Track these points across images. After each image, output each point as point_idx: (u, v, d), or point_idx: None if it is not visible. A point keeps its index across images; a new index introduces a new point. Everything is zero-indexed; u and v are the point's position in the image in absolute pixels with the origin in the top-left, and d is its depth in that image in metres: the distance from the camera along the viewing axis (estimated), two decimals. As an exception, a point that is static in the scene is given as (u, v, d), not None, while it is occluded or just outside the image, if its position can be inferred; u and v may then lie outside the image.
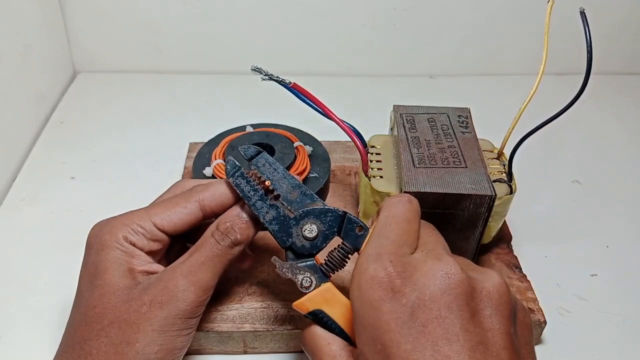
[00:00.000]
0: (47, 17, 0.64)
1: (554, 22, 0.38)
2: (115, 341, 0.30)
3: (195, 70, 0.70)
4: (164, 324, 0.30)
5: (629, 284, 0.44)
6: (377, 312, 0.27)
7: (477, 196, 0.35)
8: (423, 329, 0.26)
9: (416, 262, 0.28)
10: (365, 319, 0.27)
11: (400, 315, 0.26)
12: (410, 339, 0.25)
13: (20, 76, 0.57)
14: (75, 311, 0.32)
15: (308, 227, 0.32)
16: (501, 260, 0.42)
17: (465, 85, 0.70)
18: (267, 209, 0.33)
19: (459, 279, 0.27)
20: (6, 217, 0.49)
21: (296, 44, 0.69)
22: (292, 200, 0.33)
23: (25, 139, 0.57)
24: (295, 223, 0.33)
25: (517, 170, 0.39)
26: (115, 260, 0.32)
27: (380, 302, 0.27)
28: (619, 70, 0.73)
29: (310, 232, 0.32)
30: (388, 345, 0.26)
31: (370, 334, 0.27)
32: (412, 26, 0.68)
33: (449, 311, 0.26)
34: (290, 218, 0.33)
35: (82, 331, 0.30)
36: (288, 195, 0.33)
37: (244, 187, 0.33)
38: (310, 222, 0.32)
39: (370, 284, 0.27)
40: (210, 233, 0.33)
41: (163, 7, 0.66)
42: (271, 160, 0.34)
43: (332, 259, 0.32)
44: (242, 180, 0.33)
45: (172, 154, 0.54)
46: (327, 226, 0.32)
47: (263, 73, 0.36)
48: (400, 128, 0.41)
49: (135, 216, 0.33)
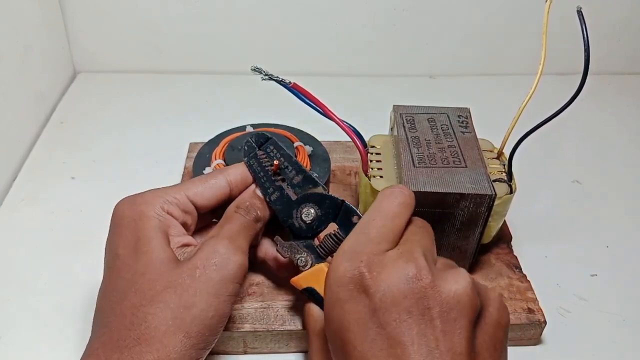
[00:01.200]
0: (47, 17, 0.64)
1: (555, 22, 0.38)
2: (172, 305, 0.29)
3: (195, 70, 0.70)
4: (219, 287, 0.30)
5: (629, 284, 0.44)
6: (341, 310, 0.28)
7: (477, 196, 0.35)
8: (381, 330, 0.26)
9: (387, 261, 0.28)
10: (330, 315, 0.28)
11: (362, 315, 0.27)
12: (367, 340, 0.26)
13: (20, 76, 0.57)
14: (116, 282, 0.30)
15: (306, 211, 0.35)
16: (501, 260, 0.42)
17: (465, 85, 0.70)
18: (273, 190, 0.35)
19: (423, 284, 0.27)
20: (6, 217, 0.49)
21: (296, 44, 0.69)
22: (295, 184, 0.36)
23: (25, 139, 0.57)
24: (296, 205, 0.35)
25: (517, 170, 0.39)
26: (157, 228, 0.31)
27: (345, 301, 0.28)
28: (619, 70, 0.73)
29: (307, 216, 0.34)
30: (346, 343, 0.27)
31: (334, 330, 0.28)
32: (412, 26, 0.68)
33: (408, 315, 0.26)
34: (292, 200, 0.35)
35: (131, 299, 0.29)
36: (293, 179, 0.36)
37: (256, 167, 0.36)
38: (309, 206, 0.35)
39: (339, 282, 0.28)
40: (233, 210, 0.34)
41: (163, 7, 0.66)
42: (279, 146, 0.37)
43: (325, 244, 0.34)
44: (255, 161, 0.36)
45: (172, 154, 0.54)
46: (324, 212, 0.34)
47: (263, 73, 0.36)
48: (400, 128, 0.41)
49: (169, 189, 0.34)
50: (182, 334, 0.28)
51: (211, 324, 0.30)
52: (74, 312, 0.41)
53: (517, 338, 0.39)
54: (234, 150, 0.47)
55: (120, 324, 0.29)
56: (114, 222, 0.33)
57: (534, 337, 0.39)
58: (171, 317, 0.28)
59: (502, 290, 0.40)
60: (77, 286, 0.42)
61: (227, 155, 0.46)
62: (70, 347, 0.38)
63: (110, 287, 0.31)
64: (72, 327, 0.40)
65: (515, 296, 0.39)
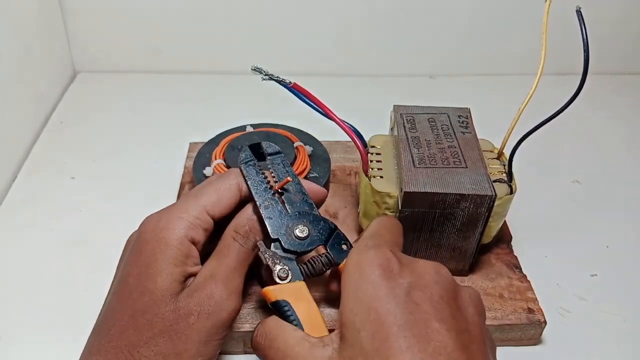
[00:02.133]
0: (47, 17, 0.64)
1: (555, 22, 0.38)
2: (165, 351, 0.29)
3: (195, 70, 0.70)
4: (209, 334, 0.30)
5: (629, 284, 0.44)
6: (376, 286, 0.29)
7: (477, 196, 0.35)
8: (417, 306, 0.28)
9: (412, 258, 0.31)
10: (362, 291, 0.29)
11: (398, 291, 0.28)
12: (405, 312, 0.27)
13: (20, 76, 0.57)
14: (119, 314, 0.31)
15: (300, 227, 0.34)
16: (501, 260, 0.42)
17: (465, 85, 0.70)
18: (269, 200, 0.34)
19: (450, 277, 0.30)
20: (6, 217, 0.49)
21: (296, 44, 0.69)
22: (293, 202, 0.35)
23: (25, 139, 0.57)
24: (290, 220, 0.34)
25: (517, 170, 0.39)
26: (171, 261, 0.31)
27: (380, 278, 0.29)
28: (619, 70, 0.73)
29: (301, 232, 0.34)
30: (383, 313, 0.27)
31: (366, 305, 0.28)
32: (412, 26, 0.68)
33: (440, 298, 0.28)
34: (287, 214, 0.34)
35: (129, 335, 0.30)
36: (291, 197, 0.35)
37: (253, 175, 0.35)
38: (304, 223, 0.34)
39: (371, 263, 0.30)
40: (231, 237, 0.33)
41: (163, 8, 0.66)
42: (286, 163, 0.37)
43: (314, 263, 0.33)
44: (252, 169, 0.35)
45: (172, 154, 0.54)
46: (317, 233, 0.34)
47: (263, 73, 0.36)
48: (400, 128, 0.41)
49: (190, 207, 0.33)
50: None
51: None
52: (74, 312, 0.41)
53: (517, 338, 0.39)
54: (234, 150, 0.47)
55: (116, 358, 0.29)
56: (136, 244, 0.33)
57: (534, 337, 0.39)
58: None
59: (502, 290, 0.40)
60: (77, 286, 0.42)
61: (227, 155, 0.46)
62: (70, 347, 0.38)
63: (113, 315, 0.31)
64: (72, 327, 0.39)
65: (515, 296, 0.40)
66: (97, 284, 0.43)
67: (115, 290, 0.32)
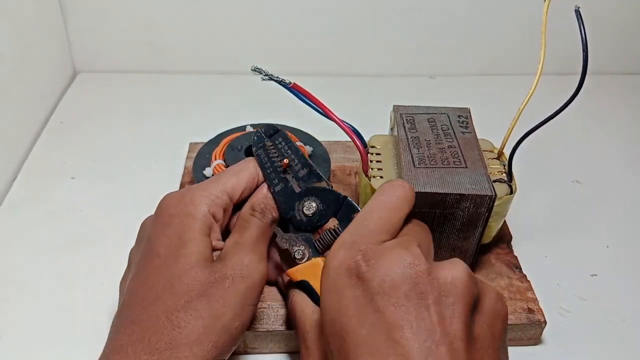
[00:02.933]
0: (47, 17, 0.64)
1: (555, 22, 0.38)
2: (204, 314, 0.30)
3: (195, 70, 0.70)
4: (244, 298, 0.31)
5: (629, 284, 0.44)
6: (340, 296, 0.28)
7: (477, 196, 0.35)
8: (380, 315, 0.26)
9: (384, 249, 0.28)
10: (328, 302, 0.28)
11: (360, 301, 0.27)
12: (366, 325, 0.26)
13: (20, 76, 0.57)
14: (152, 281, 0.31)
15: (307, 204, 0.35)
16: (501, 260, 0.42)
17: (465, 85, 0.70)
18: (278, 181, 0.35)
19: (420, 269, 0.27)
20: (6, 217, 0.49)
21: (296, 44, 0.69)
22: (300, 177, 0.36)
23: (25, 139, 0.57)
24: (298, 198, 0.35)
25: (517, 170, 0.39)
26: (200, 231, 0.32)
27: (343, 287, 0.28)
28: (619, 70, 0.73)
29: (308, 209, 0.34)
30: (345, 329, 0.27)
31: (331, 316, 0.28)
32: (412, 26, 0.68)
33: (406, 299, 0.26)
34: (295, 192, 0.35)
35: (166, 301, 0.30)
36: (298, 172, 0.36)
37: (263, 157, 0.36)
38: (311, 199, 0.35)
39: (338, 270, 0.28)
40: (248, 213, 0.34)
41: (163, 7, 0.66)
42: (287, 139, 0.38)
43: (323, 238, 0.34)
44: (263, 151, 0.37)
45: (172, 154, 0.54)
46: (326, 206, 0.35)
47: (263, 73, 0.36)
48: (400, 128, 0.41)
49: (211, 186, 0.34)
50: (211, 343, 0.29)
51: (235, 333, 0.31)
52: (74, 312, 0.41)
53: (517, 338, 0.39)
54: (234, 150, 0.47)
55: (153, 325, 0.29)
56: (160, 219, 0.33)
57: (534, 337, 0.39)
58: (202, 326, 0.29)
59: (502, 290, 0.40)
60: (77, 286, 0.43)
61: (227, 155, 0.46)
62: (70, 347, 0.38)
63: (144, 285, 0.31)
64: (72, 327, 0.40)
65: (515, 296, 0.40)
66: (97, 283, 0.43)
67: (143, 264, 0.32)
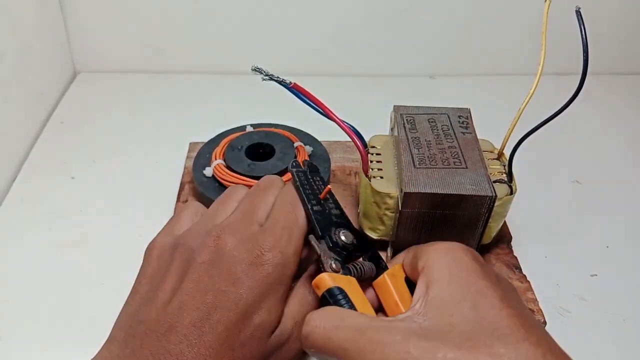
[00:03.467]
0: (47, 17, 0.64)
1: (556, 22, 0.38)
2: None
3: (195, 70, 0.70)
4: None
5: (629, 284, 0.44)
6: (471, 266, 0.29)
7: (478, 197, 0.35)
8: (507, 291, 0.29)
9: None
10: (458, 269, 0.29)
11: (490, 274, 0.30)
12: (502, 289, 0.29)
13: (20, 76, 0.57)
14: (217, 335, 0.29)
15: (346, 233, 0.33)
16: (501, 261, 0.42)
17: (465, 85, 0.70)
18: (316, 202, 0.34)
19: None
20: (6, 217, 0.49)
21: (296, 44, 0.69)
22: (333, 214, 0.35)
23: (25, 138, 0.57)
24: (335, 225, 0.34)
25: (517, 170, 0.39)
26: (281, 299, 0.32)
27: (472, 261, 0.30)
28: (619, 70, 0.73)
29: (346, 238, 0.33)
30: (484, 287, 0.28)
31: (464, 280, 0.29)
32: (412, 26, 0.68)
33: (497, 280, 0.30)
34: (333, 219, 0.34)
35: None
36: (331, 210, 0.35)
37: (302, 179, 0.36)
38: (348, 231, 0.34)
39: (462, 249, 0.31)
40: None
41: (163, 7, 0.66)
42: (323, 182, 0.37)
43: (362, 266, 0.32)
44: (301, 174, 0.36)
45: (172, 154, 0.54)
46: (360, 244, 0.34)
47: (263, 73, 0.36)
48: (400, 128, 0.41)
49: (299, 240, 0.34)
50: None
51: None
52: (74, 312, 0.41)
53: (517, 338, 0.39)
54: (234, 150, 0.47)
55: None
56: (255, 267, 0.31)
57: (534, 338, 0.39)
58: None
59: (502, 291, 0.40)
60: (76, 286, 0.42)
61: (227, 156, 0.46)
62: (70, 347, 0.38)
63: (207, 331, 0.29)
64: (72, 327, 0.40)
65: (515, 296, 0.40)
66: (97, 284, 0.43)
67: (218, 303, 0.29)
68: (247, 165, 0.45)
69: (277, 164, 0.45)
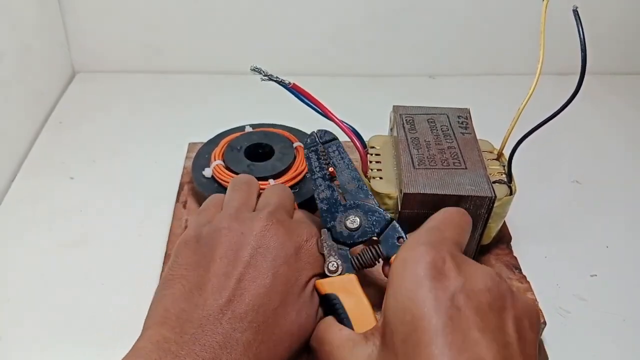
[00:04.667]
0: (47, 17, 0.64)
1: (556, 21, 0.38)
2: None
3: (195, 70, 0.70)
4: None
5: (629, 284, 0.44)
6: (417, 286, 0.27)
7: (477, 197, 0.35)
8: (458, 312, 0.26)
9: (469, 260, 0.29)
10: (402, 290, 0.27)
11: (440, 294, 0.26)
12: (442, 317, 0.25)
13: (19, 76, 0.57)
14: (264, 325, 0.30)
15: (352, 218, 0.34)
16: (501, 261, 0.42)
17: (465, 85, 0.70)
18: (324, 188, 0.35)
19: (505, 286, 0.28)
20: (5, 217, 0.49)
21: (296, 44, 0.69)
22: (348, 190, 0.35)
23: (24, 138, 0.57)
24: (343, 210, 0.34)
25: (517, 170, 0.39)
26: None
27: (423, 278, 0.27)
28: (619, 70, 0.72)
29: (352, 223, 0.34)
30: (418, 317, 0.26)
31: (404, 305, 0.27)
32: (412, 26, 0.68)
33: (489, 308, 0.26)
34: (340, 204, 0.35)
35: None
36: (346, 184, 0.35)
37: (313, 161, 0.36)
38: (356, 214, 0.34)
39: (417, 260, 0.28)
40: None
41: (163, 7, 0.66)
42: (342, 149, 0.37)
43: (363, 256, 0.33)
44: (314, 154, 0.36)
45: (172, 154, 0.54)
46: (370, 224, 0.34)
47: (263, 73, 0.36)
48: (400, 129, 0.41)
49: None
50: None
51: None
52: (74, 312, 0.41)
53: (517, 339, 0.39)
54: (233, 150, 0.47)
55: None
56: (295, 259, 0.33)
57: (534, 338, 0.39)
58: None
59: (501, 291, 0.40)
60: (76, 286, 0.42)
61: (226, 156, 0.46)
62: (70, 347, 0.38)
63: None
64: (72, 327, 0.40)
65: (515, 297, 0.39)
66: (96, 283, 0.43)
67: (275, 285, 0.31)
68: (246, 166, 0.45)
69: (277, 164, 0.45)
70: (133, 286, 0.42)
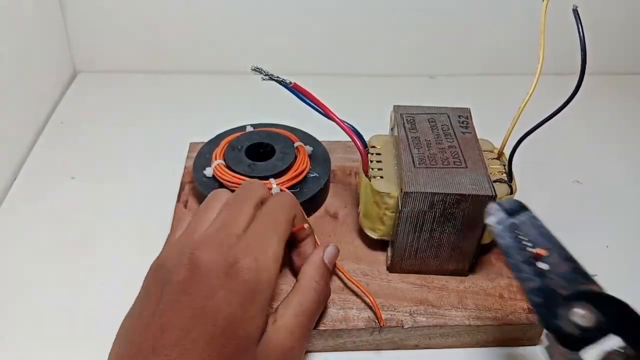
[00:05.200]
0: (47, 17, 0.64)
1: (556, 21, 0.38)
2: None
3: (195, 70, 0.70)
4: None
5: (629, 284, 0.44)
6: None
7: (478, 197, 0.35)
8: None
9: None
10: None
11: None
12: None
13: (20, 76, 0.57)
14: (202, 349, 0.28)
15: (581, 312, 0.26)
16: (501, 260, 0.42)
17: (465, 85, 0.70)
18: (532, 276, 0.28)
19: None
20: (6, 217, 0.49)
21: (296, 44, 0.69)
22: (560, 274, 0.28)
23: (25, 139, 0.57)
24: (564, 303, 0.27)
25: (517, 170, 0.39)
26: (265, 305, 0.32)
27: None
28: (619, 70, 0.73)
29: (584, 321, 0.26)
30: None
31: None
32: (412, 26, 0.68)
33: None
34: (559, 294, 0.27)
35: None
36: (557, 267, 0.28)
37: (509, 242, 0.29)
38: (585, 307, 0.26)
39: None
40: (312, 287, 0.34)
41: (163, 7, 0.66)
42: (537, 222, 0.30)
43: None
44: (509, 233, 0.29)
45: (172, 154, 0.54)
46: (605, 318, 0.26)
47: (263, 73, 0.36)
48: (400, 128, 0.41)
49: (277, 246, 0.33)
50: None
51: None
52: (74, 313, 0.41)
53: (517, 338, 0.39)
54: (234, 150, 0.47)
55: None
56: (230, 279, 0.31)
57: (534, 338, 0.39)
58: None
59: (502, 291, 0.40)
60: (77, 287, 0.43)
61: (227, 156, 0.46)
62: (70, 347, 0.38)
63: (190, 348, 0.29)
64: (72, 328, 0.40)
65: (515, 296, 0.40)
66: (96, 284, 0.43)
67: (196, 320, 0.29)
68: (247, 166, 0.45)
69: (278, 163, 0.45)
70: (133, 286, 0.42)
